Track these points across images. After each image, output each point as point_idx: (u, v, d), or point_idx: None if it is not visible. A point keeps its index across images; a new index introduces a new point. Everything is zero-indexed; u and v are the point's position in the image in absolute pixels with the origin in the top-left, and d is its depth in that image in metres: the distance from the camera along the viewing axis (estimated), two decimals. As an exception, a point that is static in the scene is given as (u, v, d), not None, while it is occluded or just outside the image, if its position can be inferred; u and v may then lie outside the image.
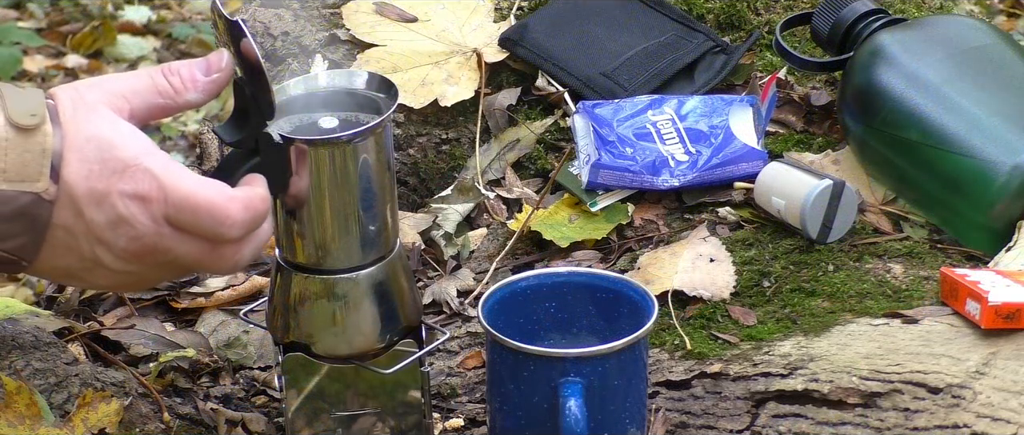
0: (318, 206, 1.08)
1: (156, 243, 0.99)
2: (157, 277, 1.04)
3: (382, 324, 1.12)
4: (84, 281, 1.03)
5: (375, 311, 1.12)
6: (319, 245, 1.09)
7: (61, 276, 1.04)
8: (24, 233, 0.98)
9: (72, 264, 1.00)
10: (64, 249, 1.00)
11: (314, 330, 1.12)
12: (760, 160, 1.49)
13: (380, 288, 1.12)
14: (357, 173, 1.08)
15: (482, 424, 1.26)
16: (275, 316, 1.14)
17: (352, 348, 1.13)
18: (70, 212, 0.98)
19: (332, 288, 1.10)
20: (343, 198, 1.08)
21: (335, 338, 1.12)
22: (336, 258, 1.10)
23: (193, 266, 1.02)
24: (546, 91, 1.61)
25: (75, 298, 1.38)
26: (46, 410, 1.15)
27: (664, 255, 1.41)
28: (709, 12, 1.68)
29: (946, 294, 1.29)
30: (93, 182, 0.98)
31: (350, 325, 1.11)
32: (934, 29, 1.49)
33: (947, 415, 1.13)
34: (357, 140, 1.07)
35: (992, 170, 1.34)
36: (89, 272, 1.01)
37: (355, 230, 1.09)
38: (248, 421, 1.24)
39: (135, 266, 1.01)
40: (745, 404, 1.22)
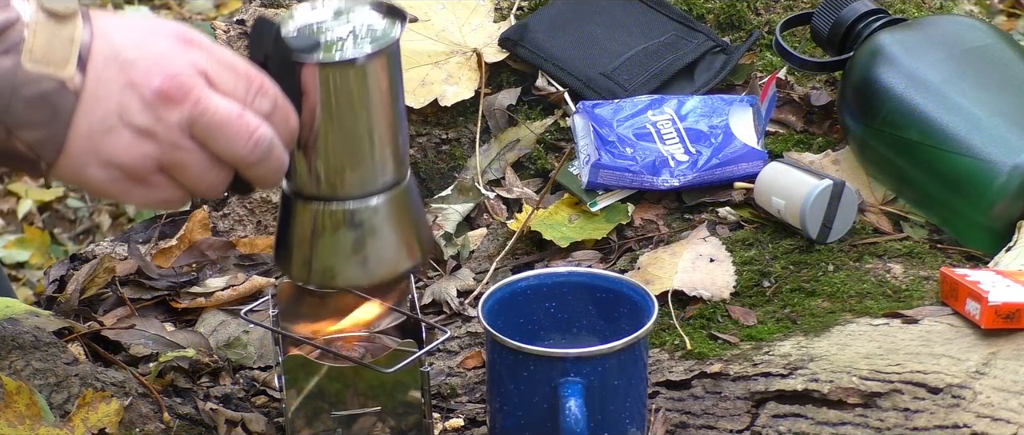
0: (336, 129, 1.05)
1: (190, 86, 0.98)
2: (180, 157, 1.00)
3: (403, 251, 1.10)
4: (105, 153, 0.99)
5: (396, 237, 1.10)
6: (337, 171, 1.07)
7: (82, 176, 1.01)
8: (45, 124, 0.96)
9: (96, 143, 0.98)
10: (86, 132, 0.97)
11: (334, 262, 1.09)
12: (760, 160, 1.49)
13: (399, 214, 1.10)
14: (374, 94, 1.06)
15: (482, 424, 1.26)
16: (289, 256, 1.11)
17: (373, 277, 1.10)
18: (102, 62, 0.97)
19: (352, 215, 1.08)
20: (361, 120, 1.06)
21: (356, 268, 1.09)
22: (354, 184, 1.08)
23: (219, 126, 0.99)
24: (546, 91, 1.61)
25: (75, 298, 1.38)
26: (46, 410, 1.15)
27: (664, 255, 1.41)
28: (709, 12, 1.68)
29: (946, 294, 1.29)
30: (131, 33, 0.98)
31: (372, 253, 1.09)
32: (934, 29, 1.49)
33: (947, 415, 1.13)
34: (373, 60, 1.05)
35: (992, 170, 1.34)
36: (110, 136, 0.98)
37: (374, 153, 1.07)
38: (248, 421, 1.24)
39: (161, 125, 0.98)
40: (745, 404, 1.22)
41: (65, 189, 3.42)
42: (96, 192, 1.02)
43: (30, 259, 3.15)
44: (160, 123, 0.98)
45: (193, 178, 1.01)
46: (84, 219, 3.36)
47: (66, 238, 3.29)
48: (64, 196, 3.40)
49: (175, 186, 1.02)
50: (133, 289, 1.42)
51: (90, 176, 1.00)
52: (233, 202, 1.53)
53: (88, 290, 1.40)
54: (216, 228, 1.52)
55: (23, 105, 0.96)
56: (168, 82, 0.98)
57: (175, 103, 0.98)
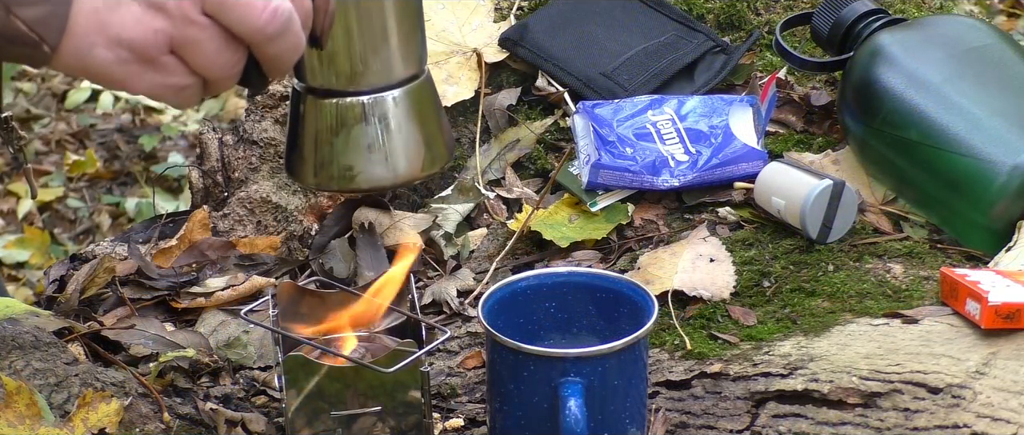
0: (351, 16, 1.01)
1: None
2: (192, 33, 0.95)
3: (424, 148, 1.06)
4: (114, 29, 0.94)
5: (418, 134, 1.06)
6: (354, 61, 1.03)
7: (88, 59, 0.95)
8: (45, 1, 0.92)
9: (103, 20, 0.93)
10: (92, 7, 0.92)
11: (353, 160, 1.05)
12: (760, 160, 1.49)
13: (420, 109, 1.06)
14: None
15: (482, 424, 1.26)
16: (304, 160, 1.06)
17: (397, 175, 1.06)
18: None
19: (372, 108, 1.04)
20: (378, 5, 1.02)
21: (376, 166, 1.05)
22: (373, 75, 1.04)
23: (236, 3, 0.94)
24: (546, 91, 1.62)
25: (75, 298, 1.38)
26: (46, 410, 1.15)
27: (664, 255, 1.41)
28: (709, 12, 1.68)
29: (946, 294, 1.29)
30: None
31: (392, 149, 1.05)
32: (934, 29, 1.49)
33: (947, 415, 1.13)
34: None
35: (992, 170, 1.35)
36: (118, 11, 0.93)
37: (394, 42, 1.03)
38: (248, 421, 1.24)
39: (168, 2, 0.93)
40: (745, 404, 1.22)
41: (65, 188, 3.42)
42: (103, 79, 0.96)
43: (30, 259, 3.16)
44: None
45: (206, 59, 0.96)
46: (84, 219, 3.36)
47: (66, 238, 3.30)
48: (64, 196, 3.40)
49: (186, 70, 0.96)
50: (133, 289, 1.42)
51: (97, 58, 0.94)
52: (233, 202, 1.53)
53: (88, 290, 1.40)
54: (216, 228, 1.52)
55: None
56: None
57: None
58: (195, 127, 3.55)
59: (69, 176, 3.48)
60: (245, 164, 1.56)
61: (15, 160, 1.27)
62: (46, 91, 3.79)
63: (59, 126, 3.67)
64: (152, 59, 0.95)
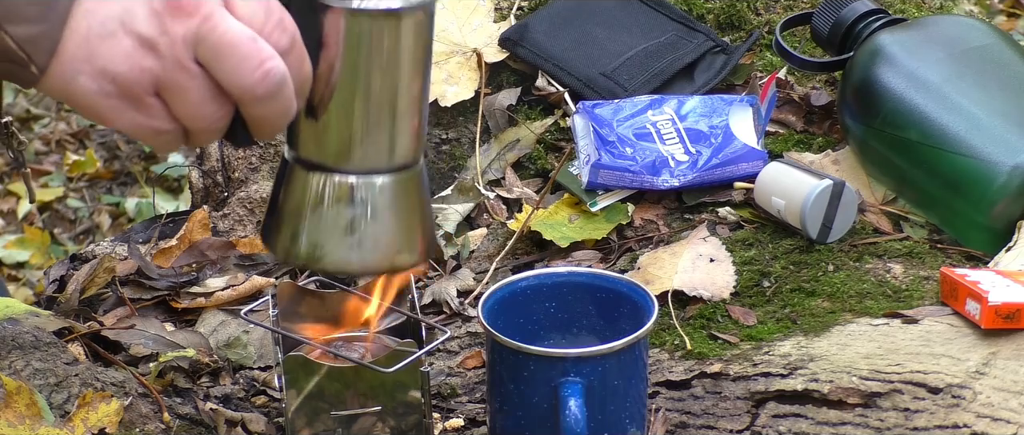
0: (352, 90, 0.97)
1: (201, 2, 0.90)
2: (181, 78, 0.92)
3: (401, 242, 1.01)
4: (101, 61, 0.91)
5: (397, 225, 1.01)
6: (347, 138, 0.98)
7: (72, 86, 0.92)
8: (40, 18, 0.89)
9: (93, 49, 0.90)
10: (85, 34, 0.90)
11: (325, 239, 1.00)
12: (760, 160, 1.49)
13: (406, 200, 1.01)
14: (403, 56, 0.97)
15: (482, 424, 1.26)
16: (278, 229, 1.01)
17: (364, 264, 1.01)
18: None
19: (353, 190, 0.99)
20: (385, 84, 0.97)
21: (348, 250, 1.00)
22: (363, 156, 0.99)
23: (228, 47, 0.91)
24: (546, 91, 1.62)
25: (75, 298, 1.38)
26: (46, 410, 1.15)
27: (664, 255, 1.41)
28: (709, 12, 1.68)
29: (946, 294, 1.29)
30: None
31: (368, 236, 1.00)
32: (934, 29, 1.49)
33: (947, 415, 1.13)
34: (409, 16, 0.96)
35: (992, 170, 1.34)
36: (109, 42, 0.91)
37: (389, 125, 0.98)
38: (248, 421, 1.24)
39: (166, 38, 0.90)
40: (745, 404, 1.22)
41: (65, 188, 3.42)
42: (85, 109, 0.93)
43: (30, 259, 3.16)
44: (165, 36, 0.91)
45: (190, 107, 0.93)
46: (84, 219, 3.36)
47: (66, 238, 3.29)
48: (64, 196, 3.40)
49: (168, 116, 0.93)
50: (133, 289, 1.42)
51: (81, 87, 0.92)
52: (233, 202, 1.53)
53: (88, 290, 1.40)
54: (216, 228, 1.52)
55: None
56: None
57: (185, 15, 0.91)
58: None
59: (69, 176, 3.48)
60: (245, 164, 1.56)
61: (15, 161, 1.27)
62: (46, 91, 3.78)
63: (59, 126, 3.67)
64: (136, 97, 0.92)
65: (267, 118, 0.95)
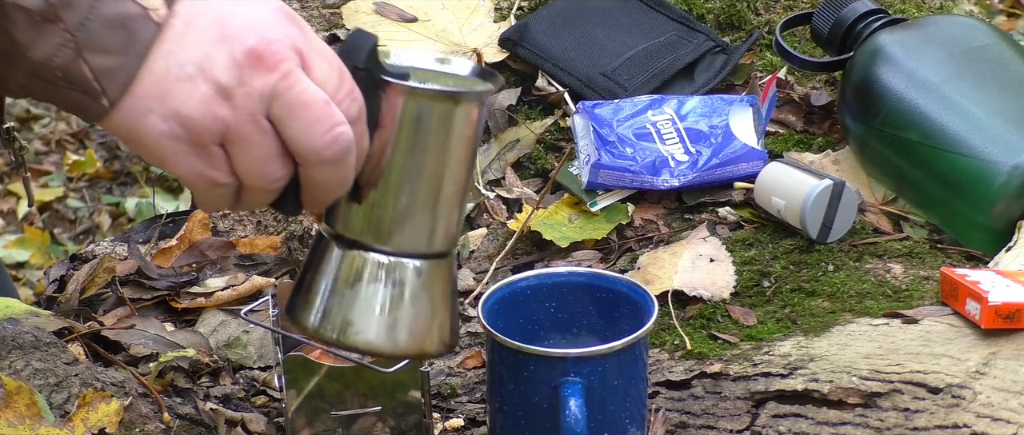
0: (403, 170, 0.97)
1: (284, 57, 0.91)
2: (250, 132, 0.91)
3: (432, 329, 1.02)
4: (175, 102, 0.90)
5: (429, 311, 1.01)
6: (391, 218, 0.98)
7: (140, 124, 0.91)
8: (119, 50, 0.89)
9: (169, 90, 0.90)
10: (162, 74, 0.90)
11: (358, 317, 0.99)
12: (760, 160, 1.49)
13: (440, 287, 1.01)
14: (456, 142, 0.98)
15: (482, 424, 1.26)
16: (309, 303, 1.01)
17: (396, 346, 1.01)
18: (195, 6, 0.90)
19: (391, 271, 0.99)
20: (436, 167, 0.98)
21: (382, 330, 1.00)
22: (405, 238, 0.99)
23: (302, 107, 0.91)
24: (546, 91, 1.62)
25: (75, 298, 1.38)
26: (46, 410, 1.15)
27: (664, 255, 1.41)
28: (709, 12, 1.68)
29: (946, 294, 1.29)
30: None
31: (402, 318, 1.00)
32: (934, 29, 1.49)
33: (947, 415, 1.13)
34: (467, 102, 0.97)
35: (992, 170, 1.34)
36: (186, 85, 0.90)
37: (433, 210, 0.99)
38: (248, 421, 1.24)
39: (243, 89, 0.91)
40: (745, 404, 1.22)
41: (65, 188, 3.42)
42: (148, 149, 0.92)
43: (30, 259, 3.16)
44: (243, 87, 0.91)
45: (253, 162, 0.93)
46: (84, 219, 3.36)
47: (66, 238, 3.30)
48: (64, 196, 3.40)
49: (228, 169, 0.93)
50: (133, 289, 1.42)
51: (149, 126, 0.91)
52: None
53: (88, 290, 1.40)
54: (216, 228, 1.52)
55: (100, 23, 0.89)
56: (263, 45, 0.91)
57: (265, 69, 0.91)
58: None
59: (69, 176, 3.48)
60: (245, 164, 1.56)
61: (16, 165, 1.27)
62: (46, 91, 3.78)
63: (59, 126, 3.67)
64: (202, 145, 0.92)
65: (326, 184, 0.95)
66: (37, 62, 0.89)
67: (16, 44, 0.89)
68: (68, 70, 0.89)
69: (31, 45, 0.89)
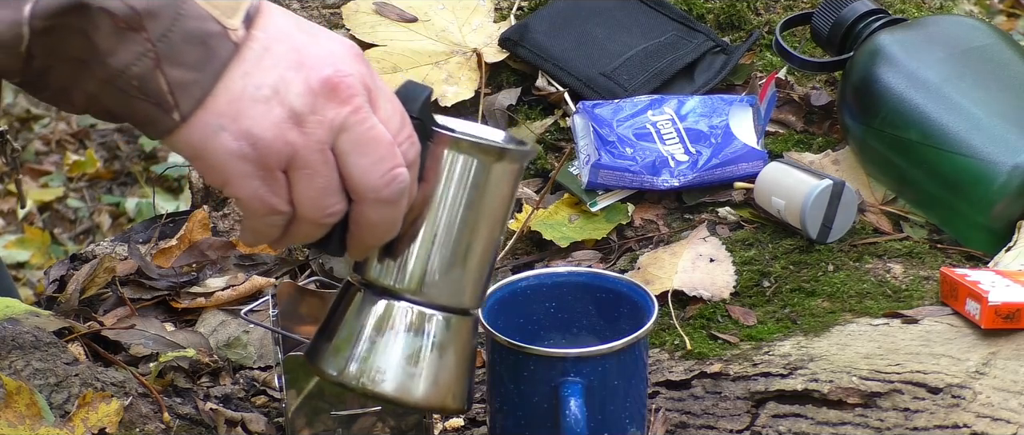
0: (446, 221, 1.00)
1: (357, 91, 0.93)
2: (315, 161, 0.93)
3: (454, 383, 1.03)
4: (248, 121, 0.91)
5: (454, 365, 1.02)
6: (425, 270, 1.00)
7: (211, 141, 0.92)
8: (197, 66, 0.90)
9: (243, 110, 0.91)
10: (238, 94, 0.91)
11: (387, 365, 1.00)
12: (760, 160, 1.49)
13: (464, 343, 1.03)
14: (495, 197, 1.01)
15: (482, 424, 1.26)
16: (335, 349, 1.02)
17: (421, 396, 1.01)
18: (272, 32, 0.92)
19: (423, 321, 1.01)
20: (475, 222, 1.00)
21: (409, 379, 1.01)
22: (438, 291, 1.01)
23: (368, 143, 0.93)
24: (546, 91, 1.62)
25: (75, 298, 1.38)
26: (46, 410, 1.15)
27: (664, 255, 1.41)
28: (709, 12, 1.68)
29: (946, 294, 1.29)
30: (303, 23, 0.94)
31: (428, 370, 1.01)
32: (934, 29, 1.49)
33: (947, 415, 1.13)
34: (510, 158, 1.00)
35: (992, 170, 1.34)
36: (261, 106, 0.91)
37: (467, 265, 1.01)
38: (248, 421, 1.24)
39: (315, 117, 0.92)
40: (745, 404, 1.22)
41: (65, 188, 3.42)
42: (214, 167, 0.93)
43: (30, 259, 3.16)
44: (315, 115, 0.92)
45: (313, 192, 0.94)
46: (84, 219, 3.36)
47: (66, 238, 3.30)
48: (64, 196, 3.40)
49: (287, 197, 0.94)
50: (133, 289, 1.42)
51: (220, 143, 0.92)
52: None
53: (88, 290, 1.40)
54: (216, 228, 1.52)
55: (182, 37, 0.90)
56: (338, 77, 0.93)
57: (338, 101, 0.93)
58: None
59: (69, 176, 3.48)
60: (245, 164, 1.55)
61: (11, 167, 1.28)
62: (46, 91, 3.78)
63: (59, 126, 3.67)
64: (268, 168, 0.93)
65: (376, 225, 0.96)
66: (115, 70, 0.90)
67: (96, 50, 0.90)
68: (144, 80, 0.90)
69: (112, 52, 0.90)
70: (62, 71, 0.91)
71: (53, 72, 0.91)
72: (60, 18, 0.88)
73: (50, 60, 0.90)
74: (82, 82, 0.91)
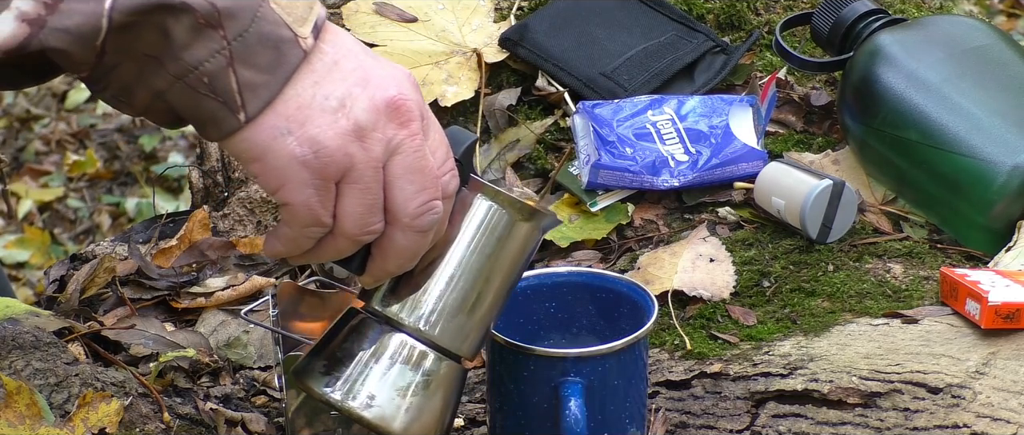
0: (462, 266, 1.02)
1: (416, 117, 0.95)
2: (368, 178, 0.94)
3: (436, 426, 1.04)
4: (315, 129, 0.93)
5: (440, 408, 1.04)
6: (434, 309, 1.02)
7: (276, 143, 0.93)
8: (267, 69, 0.92)
9: (311, 117, 0.93)
10: (308, 101, 0.93)
11: (382, 392, 1.01)
12: (760, 160, 1.49)
13: (453, 390, 1.05)
14: (512, 251, 1.04)
15: (482, 424, 1.26)
16: (329, 369, 1.02)
17: (402, 430, 1.02)
18: (340, 48, 0.95)
19: (424, 360, 1.02)
20: (490, 271, 1.03)
21: (396, 410, 1.01)
22: (443, 332, 1.03)
23: (416, 171, 0.96)
24: (546, 91, 1.62)
25: (75, 298, 1.38)
26: (46, 410, 1.15)
27: (664, 255, 1.41)
28: (709, 12, 1.68)
29: (946, 294, 1.29)
30: (365, 47, 0.97)
31: (416, 405, 1.02)
32: (934, 29, 1.49)
33: (947, 415, 1.13)
34: (535, 218, 1.04)
35: (992, 170, 1.35)
36: (329, 116, 0.93)
37: (475, 313, 1.04)
38: (248, 421, 1.24)
39: (377, 134, 0.94)
40: (745, 404, 1.22)
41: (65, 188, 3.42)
42: (274, 171, 0.94)
43: (30, 259, 3.16)
44: (377, 131, 0.95)
45: (359, 207, 0.96)
46: (84, 219, 3.36)
47: (66, 238, 3.30)
48: (64, 196, 3.40)
49: (332, 210, 0.96)
50: (133, 289, 1.42)
51: (285, 147, 0.93)
52: (233, 202, 1.53)
53: (88, 290, 1.40)
54: (216, 228, 1.52)
55: (256, 39, 0.92)
56: (401, 100, 0.95)
57: (399, 123, 0.95)
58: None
59: (69, 176, 3.48)
60: (245, 164, 1.55)
61: None
62: (46, 91, 3.79)
63: (59, 126, 3.67)
64: (326, 178, 0.95)
65: (402, 251, 0.98)
66: (188, 65, 0.91)
67: (172, 45, 0.91)
68: (215, 78, 0.91)
69: (187, 46, 0.91)
70: (129, 69, 0.92)
71: (120, 69, 0.92)
72: (142, 15, 0.89)
73: (120, 57, 0.91)
74: (150, 79, 0.92)
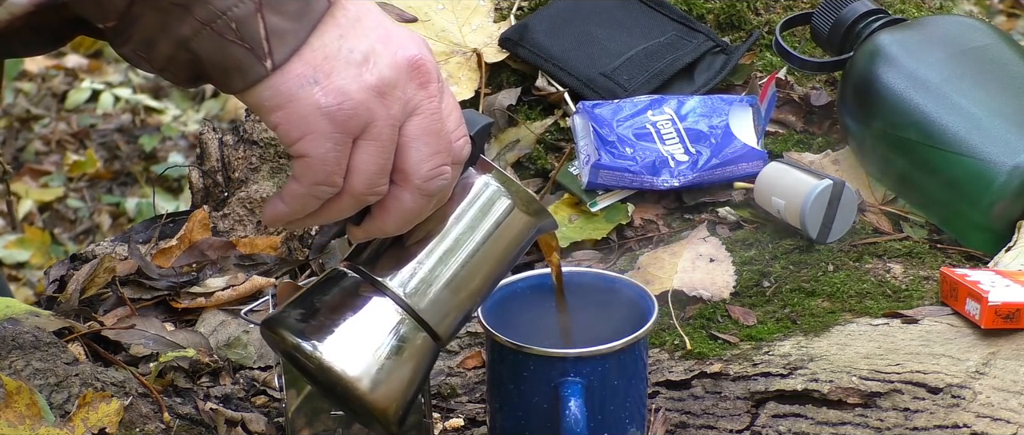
0: (456, 241, 1.02)
1: (435, 78, 0.95)
2: (385, 135, 0.94)
3: (400, 398, 1.02)
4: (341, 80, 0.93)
5: (409, 379, 1.02)
6: (423, 279, 1.02)
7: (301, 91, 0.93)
8: (294, 16, 0.92)
9: (337, 68, 0.93)
10: (335, 52, 0.93)
11: (354, 350, 1.00)
12: (760, 160, 1.49)
13: (424, 366, 1.04)
14: (507, 239, 1.04)
15: (482, 424, 1.26)
16: (305, 318, 1.01)
17: (368, 391, 1.00)
18: (363, 6, 0.94)
19: (402, 325, 1.01)
20: (483, 252, 1.03)
21: (367, 371, 1.00)
22: (426, 303, 1.02)
23: (430, 134, 0.95)
24: (546, 91, 1.62)
25: (75, 298, 1.38)
26: (46, 410, 1.15)
27: (664, 255, 1.41)
28: (709, 12, 1.69)
29: (946, 294, 1.29)
30: (384, 13, 0.96)
31: (386, 369, 1.01)
32: (934, 29, 1.49)
33: (947, 415, 1.13)
34: (533, 209, 1.04)
35: (992, 170, 1.35)
36: (355, 69, 0.93)
37: (460, 290, 1.03)
38: (248, 421, 1.24)
39: (398, 91, 0.94)
40: (745, 404, 1.22)
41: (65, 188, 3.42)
42: (296, 120, 0.93)
43: (30, 259, 3.16)
44: (398, 90, 0.94)
45: (372, 166, 0.95)
46: (84, 219, 3.36)
47: (66, 238, 3.30)
48: (64, 196, 3.40)
49: (343, 168, 0.95)
50: (133, 289, 1.42)
51: (311, 96, 0.92)
52: (233, 202, 1.53)
53: (88, 290, 1.40)
54: (216, 228, 1.52)
55: None
56: (422, 60, 0.95)
57: (420, 83, 0.95)
58: (195, 127, 3.56)
59: (69, 176, 3.48)
60: (245, 164, 1.56)
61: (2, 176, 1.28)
62: (46, 91, 3.80)
63: (59, 126, 3.67)
64: (347, 131, 0.94)
65: (405, 212, 0.98)
66: (216, 10, 0.90)
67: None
68: (243, 24, 0.91)
69: None
70: (153, 19, 0.91)
71: (143, 20, 0.92)
72: None
73: (145, 7, 0.91)
74: (175, 28, 0.91)
